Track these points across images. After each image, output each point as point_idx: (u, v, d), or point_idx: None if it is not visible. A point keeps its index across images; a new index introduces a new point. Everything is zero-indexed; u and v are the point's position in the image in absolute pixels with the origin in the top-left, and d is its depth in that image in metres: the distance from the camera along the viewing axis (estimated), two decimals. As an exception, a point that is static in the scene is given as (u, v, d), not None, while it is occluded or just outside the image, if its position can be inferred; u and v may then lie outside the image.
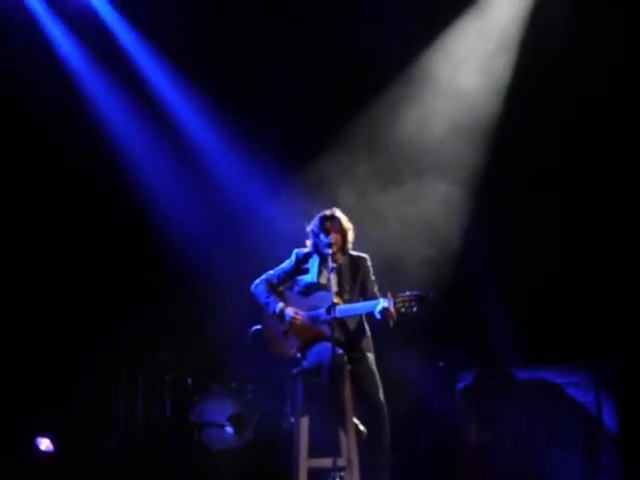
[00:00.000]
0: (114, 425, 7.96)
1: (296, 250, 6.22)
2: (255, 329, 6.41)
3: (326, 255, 5.93)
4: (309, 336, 5.96)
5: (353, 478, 5.69)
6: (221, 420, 7.75)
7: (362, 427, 5.85)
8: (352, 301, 5.96)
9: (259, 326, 6.30)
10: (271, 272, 6.22)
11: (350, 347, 5.90)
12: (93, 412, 7.96)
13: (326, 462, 5.63)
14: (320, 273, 6.07)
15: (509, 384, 7.07)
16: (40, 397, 7.86)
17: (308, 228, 6.16)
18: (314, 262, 6.13)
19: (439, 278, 7.49)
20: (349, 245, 6.11)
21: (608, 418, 6.62)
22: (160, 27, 8.28)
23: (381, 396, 5.84)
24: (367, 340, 6.02)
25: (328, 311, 5.76)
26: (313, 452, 5.81)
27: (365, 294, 6.04)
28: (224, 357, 7.95)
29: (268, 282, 6.18)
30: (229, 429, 7.74)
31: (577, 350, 7.02)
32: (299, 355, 5.98)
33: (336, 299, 5.77)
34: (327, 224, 6.04)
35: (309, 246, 6.17)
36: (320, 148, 8.12)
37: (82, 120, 8.30)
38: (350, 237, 6.10)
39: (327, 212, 6.12)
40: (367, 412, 5.83)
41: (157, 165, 8.52)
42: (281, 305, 6.07)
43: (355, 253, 6.15)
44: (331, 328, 5.69)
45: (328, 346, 5.66)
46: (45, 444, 7.74)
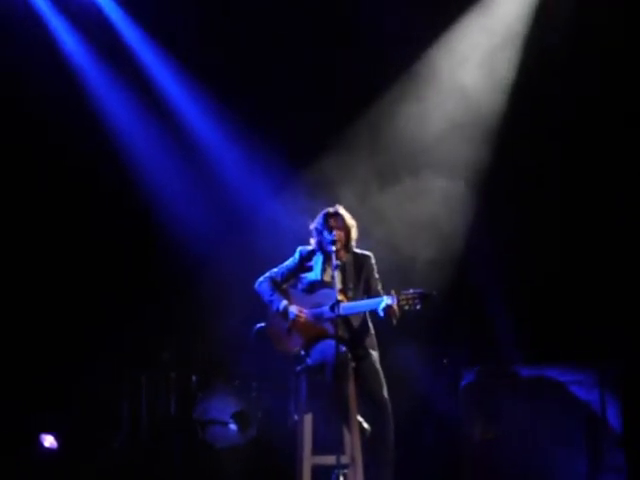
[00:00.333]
0: (118, 425, 7.96)
1: (300, 248, 6.22)
2: (259, 327, 6.40)
3: (330, 252, 5.92)
4: (313, 334, 5.96)
5: (357, 476, 5.68)
6: (225, 418, 7.75)
7: (366, 425, 5.84)
8: (356, 299, 5.95)
9: (263, 324, 6.30)
10: (275, 270, 6.21)
11: (354, 345, 5.90)
12: (97, 412, 7.95)
13: (330, 459, 5.63)
14: (324, 271, 6.07)
15: (513, 382, 7.08)
16: (44, 397, 7.84)
17: (312, 226, 6.16)
18: (318, 260, 6.13)
19: (443, 276, 7.50)
20: (353, 242, 6.11)
21: (612, 416, 6.64)
22: (164, 25, 8.26)
23: (385, 394, 5.83)
24: (371, 338, 6.02)
25: (332, 309, 5.76)
26: (317, 450, 5.81)
27: (369, 292, 6.03)
28: (228, 355, 7.95)
29: (272, 280, 6.18)
30: (233, 426, 7.74)
31: (581, 348, 7.01)
32: (303, 353, 5.97)
33: (340, 297, 5.75)
34: (331, 221, 6.04)
35: (313, 244, 6.17)
36: (322, 148, 8.11)
37: (86, 118, 8.26)
38: (354, 234, 6.10)
39: (330, 209, 6.12)
40: (371, 410, 5.83)
41: (161, 163, 8.50)
42: (285, 303, 6.06)
43: (359, 251, 6.14)
44: (335, 326, 5.68)
45: (332, 344, 5.64)
46: (49, 441, 7.74)
